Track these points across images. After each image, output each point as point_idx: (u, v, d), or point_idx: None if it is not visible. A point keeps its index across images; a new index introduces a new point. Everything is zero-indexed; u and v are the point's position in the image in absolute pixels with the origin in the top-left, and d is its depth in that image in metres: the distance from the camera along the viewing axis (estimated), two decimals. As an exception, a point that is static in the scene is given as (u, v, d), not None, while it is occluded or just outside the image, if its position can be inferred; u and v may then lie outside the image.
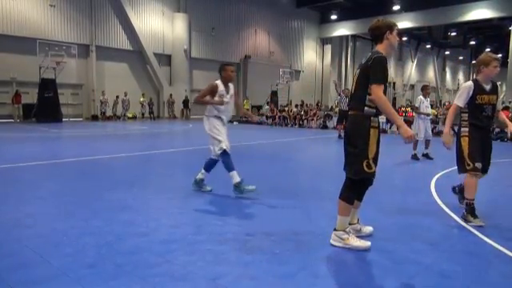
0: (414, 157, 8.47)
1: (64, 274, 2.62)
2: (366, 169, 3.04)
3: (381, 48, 3.12)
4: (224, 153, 4.74)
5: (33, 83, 18.62)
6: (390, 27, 3.12)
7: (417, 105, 8.74)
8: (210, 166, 4.99)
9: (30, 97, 18.93)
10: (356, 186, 3.16)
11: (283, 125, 20.29)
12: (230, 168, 4.77)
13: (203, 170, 5.01)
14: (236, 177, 4.76)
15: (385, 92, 3.01)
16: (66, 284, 2.51)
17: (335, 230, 3.23)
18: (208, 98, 4.80)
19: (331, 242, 3.24)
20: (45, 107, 18.22)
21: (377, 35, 3.15)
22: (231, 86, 4.96)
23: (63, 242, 3.21)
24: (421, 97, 8.70)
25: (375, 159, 3.09)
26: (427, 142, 8.71)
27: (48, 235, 3.36)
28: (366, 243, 3.17)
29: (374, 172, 3.10)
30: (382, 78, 2.99)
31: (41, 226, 3.60)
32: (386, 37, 3.11)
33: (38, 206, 4.35)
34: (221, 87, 4.82)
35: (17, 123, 18.01)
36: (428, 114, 8.78)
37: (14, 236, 3.33)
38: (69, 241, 3.23)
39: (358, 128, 3.08)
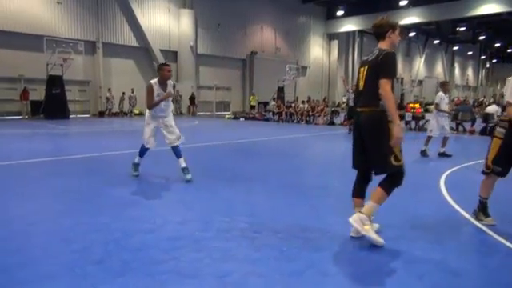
0: (424, 153, 8.29)
1: (71, 271, 2.62)
2: (394, 162, 3.07)
3: (384, 45, 3.20)
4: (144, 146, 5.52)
5: (40, 80, 18.74)
6: (393, 26, 3.21)
7: (437, 101, 8.36)
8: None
9: (38, 93, 19.05)
10: (396, 178, 3.14)
11: (290, 121, 20.21)
12: (139, 153, 5.65)
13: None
14: (136, 159, 5.67)
15: (392, 88, 3.05)
16: (72, 280, 2.50)
17: (361, 212, 3.16)
18: (155, 99, 5.31)
19: (350, 220, 3.15)
20: (52, 104, 18.32)
21: (380, 33, 3.24)
22: (169, 83, 5.44)
23: (70, 238, 3.21)
24: (441, 93, 8.31)
25: (400, 151, 3.10)
26: (444, 140, 8.28)
27: (55, 232, 3.36)
28: (381, 240, 3.13)
29: (403, 164, 3.12)
30: (392, 74, 3.07)
31: (48, 223, 3.61)
32: (388, 35, 3.20)
33: (45, 202, 4.36)
34: (156, 86, 5.29)
35: (25, 120, 18.16)
36: (449, 112, 8.52)
37: (21, 232, 3.34)
38: (76, 237, 3.23)
39: (377, 124, 3.09)
